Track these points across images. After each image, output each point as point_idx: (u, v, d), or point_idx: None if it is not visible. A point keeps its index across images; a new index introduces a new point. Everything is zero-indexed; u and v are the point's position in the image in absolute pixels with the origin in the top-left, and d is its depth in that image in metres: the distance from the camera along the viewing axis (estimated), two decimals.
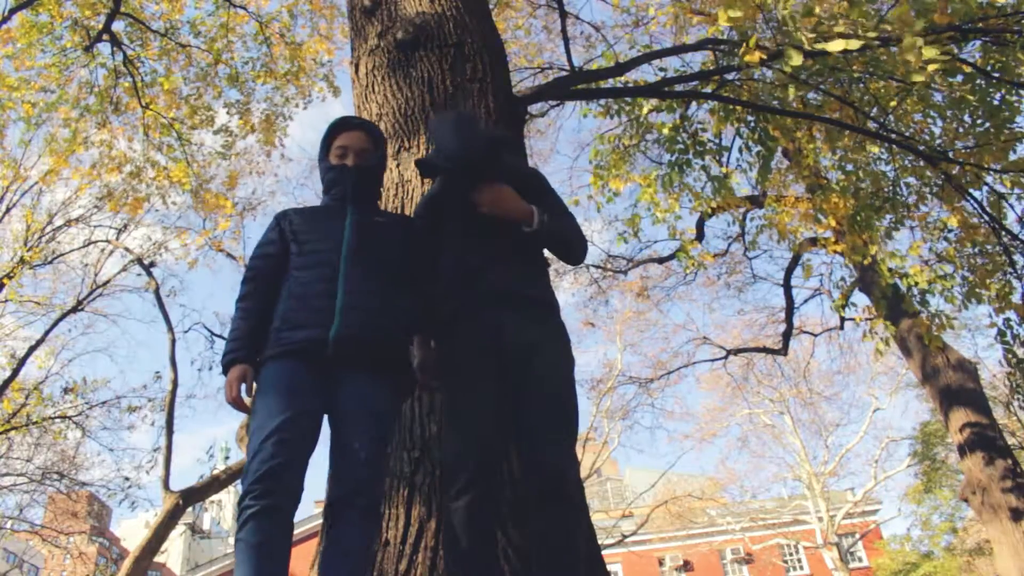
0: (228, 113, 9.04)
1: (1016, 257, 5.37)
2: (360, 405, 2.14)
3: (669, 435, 54.71)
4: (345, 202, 2.44)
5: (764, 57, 3.95)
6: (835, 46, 3.34)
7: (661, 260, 11.56)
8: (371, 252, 2.34)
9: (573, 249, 2.51)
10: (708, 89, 5.09)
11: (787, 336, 11.43)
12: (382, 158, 2.61)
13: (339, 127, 2.55)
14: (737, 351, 14.32)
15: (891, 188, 5.72)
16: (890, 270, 5.93)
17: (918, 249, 6.04)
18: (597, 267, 12.75)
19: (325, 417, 2.21)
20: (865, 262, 6.13)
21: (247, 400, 2.18)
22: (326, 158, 2.54)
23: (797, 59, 3.38)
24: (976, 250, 5.60)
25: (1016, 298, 5.37)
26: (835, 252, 6.97)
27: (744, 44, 3.88)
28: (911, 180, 5.66)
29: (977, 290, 5.43)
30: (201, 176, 9.51)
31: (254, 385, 2.19)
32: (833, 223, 5.85)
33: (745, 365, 17.79)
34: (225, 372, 2.21)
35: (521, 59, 9.72)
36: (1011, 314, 5.39)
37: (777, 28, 4.08)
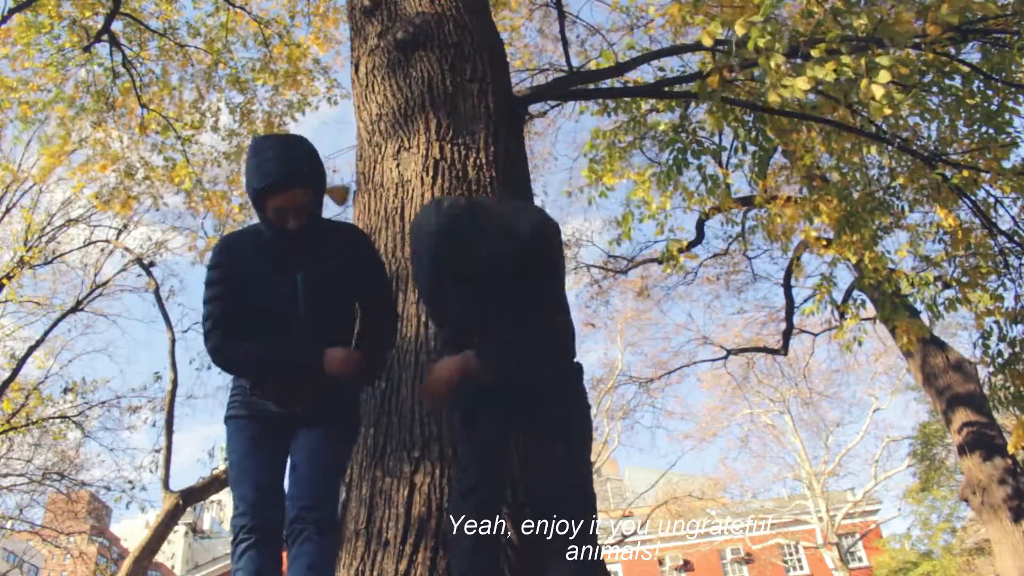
0: (231, 113, 9.04)
1: (1010, 259, 5.40)
2: (312, 446, 2.31)
3: (669, 435, 54.77)
4: (291, 258, 2.29)
5: (728, 79, 3.98)
6: (801, 83, 3.37)
7: (660, 260, 11.55)
8: (324, 321, 2.33)
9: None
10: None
11: (787, 336, 11.41)
12: (320, 192, 2.32)
13: (274, 188, 2.17)
14: (737, 351, 14.30)
15: (885, 191, 5.74)
16: (875, 271, 5.96)
17: (905, 252, 6.09)
18: (597, 267, 12.76)
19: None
20: (853, 260, 6.17)
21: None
22: (260, 209, 2.24)
23: (777, 60, 3.39)
24: (970, 251, 5.62)
25: (1009, 299, 5.40)
26: (824, 254, 6.99)
27: (724, 50, 3.90)
28: (906, 184, 5.68)
29: (966, 292, 5.45)
30: (201, 176, 9.49)
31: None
32: (827, 220, 5.87)
33: (745, 364, 17.78)
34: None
35: (519, 61, 9.71)
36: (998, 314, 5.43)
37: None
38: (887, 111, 3.33)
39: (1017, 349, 5.52)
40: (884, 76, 3.30)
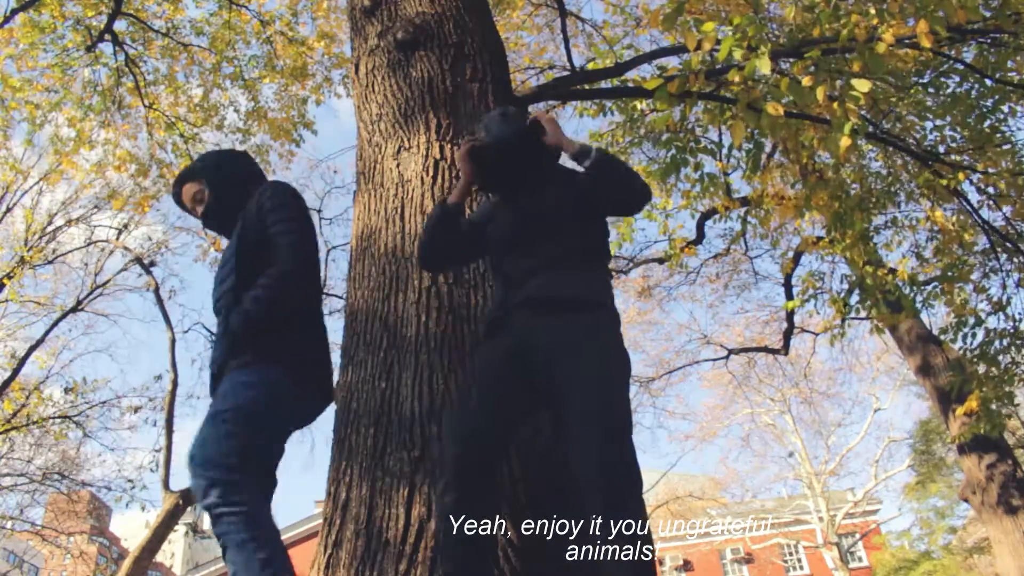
0: (235, 112, 9.09)
1: (999, 253, 5.47)
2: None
3: (670, 434, 54.79)
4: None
5: (695, 90, 4.00)
6: (772, 108, 3.38)
7: (662, 260, 11.57)
8: (246, 275, 2.49)
9: (633, 189, 2.36)
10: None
11: (788, 335, 11.44)
12: (218, 185, 2.66)
13: (176, 185, 2.76)
14: (738, 351, 14.32)
15: (880, 188, 5.77)
16: (873, 272, 5.98)
17: (894, 248, 6.15)
18: None
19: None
20: (855, 259, 6.20)
21: None
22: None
23: (765, 66, 3.38)
24: (959, 247, 5.67)
25: (994, 290, 5.49)
26: (827, 255, 7.02)
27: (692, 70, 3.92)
28: (899, 181, 5.73)
29: (947, 289, 5.52)
30: None
31: None
32: (819, 215, 5.90)
33: (747, 363, 17.80)
34: None
35: (523, 59, 9.73)
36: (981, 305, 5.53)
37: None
38: (847, 140, 3.36)
39: (998, 341, 5.63)
40: (859, 99, 3.33)
